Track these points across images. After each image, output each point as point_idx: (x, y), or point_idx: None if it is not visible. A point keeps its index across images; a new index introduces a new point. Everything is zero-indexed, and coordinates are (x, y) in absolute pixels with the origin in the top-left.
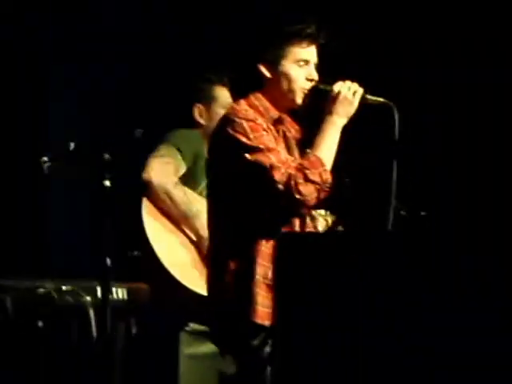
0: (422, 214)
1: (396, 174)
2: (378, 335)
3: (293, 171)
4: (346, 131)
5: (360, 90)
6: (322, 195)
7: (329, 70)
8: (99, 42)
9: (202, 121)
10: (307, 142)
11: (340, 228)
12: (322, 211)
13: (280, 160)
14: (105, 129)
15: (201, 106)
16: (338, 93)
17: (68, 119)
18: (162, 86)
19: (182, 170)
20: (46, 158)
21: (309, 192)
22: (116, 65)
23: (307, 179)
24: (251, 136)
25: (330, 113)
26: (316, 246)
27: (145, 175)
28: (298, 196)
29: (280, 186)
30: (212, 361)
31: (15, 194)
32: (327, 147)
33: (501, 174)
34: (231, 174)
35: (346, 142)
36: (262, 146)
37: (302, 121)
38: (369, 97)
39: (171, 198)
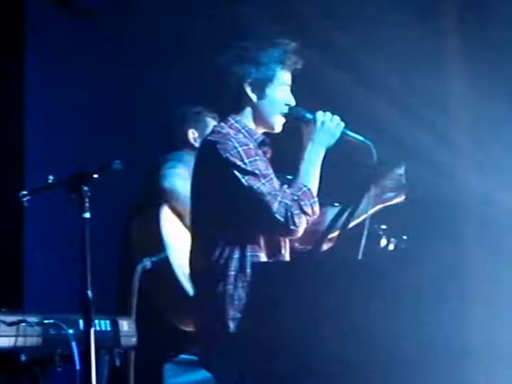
0: (404, 238)
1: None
2: None
3: (289, 201)
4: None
5: (341, 124)
6: (307, 226)
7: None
8: (76, 70)
9: (196, 144)
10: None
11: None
12: None
13: (275, 188)
14: (83, 161)
15: (195, 132)
16: (322, 123)
17: (46, 151)
18: (140, 116)
19: None
20: (25, 192)
21: (302, 223)
22: (94, 95)
23: (302, 211)
24: (246, 161)
25: (313, 142)
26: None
27: (165, 184)
28: (292, 227)
29: (278, 217)
30: None
31: None
32: (314, 177)
33: None
34: (221, 198)
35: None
36: (257, 172)
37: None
38: (348, 132)
39: None
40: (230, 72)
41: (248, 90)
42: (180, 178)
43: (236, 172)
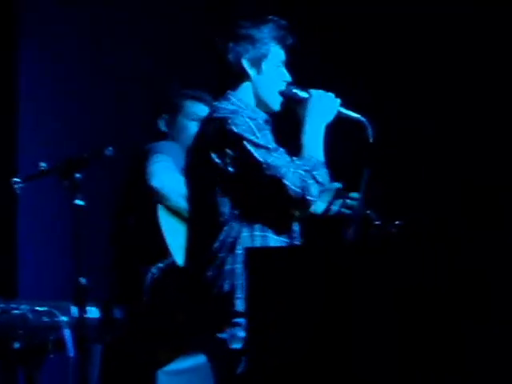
0: (397, 223)
1: (366, 183)
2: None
3: (302, 172)
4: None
5: (337, 101)
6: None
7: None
8: (70, 59)
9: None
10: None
11: None
12: None
13: (287, 160)
14: (75, 147)
15: (166, 117)
16: (319, 98)
17: (38, 138)
18: (132, 102)
19: None
20: (17, 179)
21: (316, 193)
22: (87, 82)
23: (316, 180)
24: (258, 135)
25: (312, 116)
26: (282, 260)
27: (154, 183)
28: (309, 197)
29: (294, 188)
30: (192, 375)
31: None
32: (319, 148)
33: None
34: (233, 175)
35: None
36: (269, 146)
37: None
38: (343, 110)
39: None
40: (227, 49)
41: (247, 65)
42: (168, 174)
43: (249, 146)
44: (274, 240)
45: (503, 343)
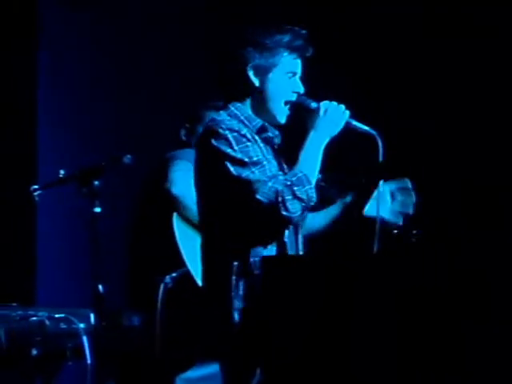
0: (415, 232)
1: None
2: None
3: (280, 187)
4: (333, 151)
5: (347, 113)
6: (305, 213)
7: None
8: (87, 66)
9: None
10: (286, 153)
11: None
12: None
13: (267, 175)
14: (94, 155)
15: (187, 126)
16: (326, 111)
17: (58, 146)
18: (151, 112)
19: None
20: (36, 186)
21: (296, 209)
22: (105, 90)
23: (295, 196)
24: (236, 148)
25: (316, 129)
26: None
27: (174, 191)
28: (284, 213)
29: (266, 203)
30: (209, 382)
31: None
32: (312, 164)
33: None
34: (214, 188)
35: (332, 163)
36: (246, 160)
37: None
38: (353, 122)
39: None
40: (232, 55)
41: (250, 73)
42: (188, 183)
43: (225, 160)
44: (267, 251)
45: (503, 343)
